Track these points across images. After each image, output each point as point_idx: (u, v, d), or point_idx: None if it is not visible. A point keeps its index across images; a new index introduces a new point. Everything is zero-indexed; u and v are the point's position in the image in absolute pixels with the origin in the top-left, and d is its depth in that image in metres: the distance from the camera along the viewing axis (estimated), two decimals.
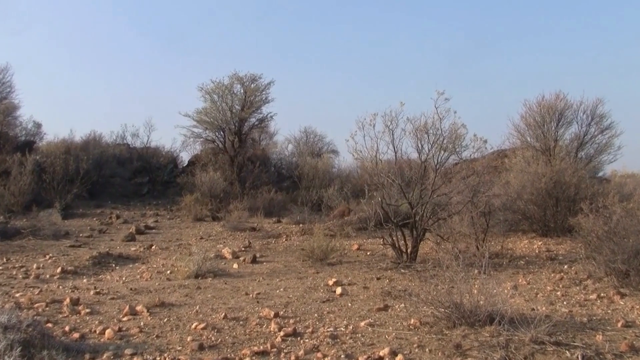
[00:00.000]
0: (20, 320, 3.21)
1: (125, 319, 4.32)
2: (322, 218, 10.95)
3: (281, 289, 5.48)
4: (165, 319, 4.29)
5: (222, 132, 15.99)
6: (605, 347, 3.35)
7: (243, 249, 8.44)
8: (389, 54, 36.28)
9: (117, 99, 33.44)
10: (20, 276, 6.09)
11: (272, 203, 13.46)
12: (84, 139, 16.22)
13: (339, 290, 5.26)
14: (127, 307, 4.52)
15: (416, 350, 3.45)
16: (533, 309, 4.42)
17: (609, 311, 4.41)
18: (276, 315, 4.30)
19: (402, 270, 6.40)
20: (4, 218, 10.24)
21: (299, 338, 3.74)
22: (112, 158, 16.44)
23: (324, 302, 4.90)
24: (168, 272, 6.50)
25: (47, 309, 4.62)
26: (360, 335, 3.80)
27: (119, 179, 16.34)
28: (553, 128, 10.98)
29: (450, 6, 37.35)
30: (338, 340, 3.68)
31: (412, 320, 4.02)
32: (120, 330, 3.95)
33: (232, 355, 3.44)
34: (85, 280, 6.00)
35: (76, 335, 3.82)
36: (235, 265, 6.97)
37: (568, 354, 3.23)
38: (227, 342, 3.67)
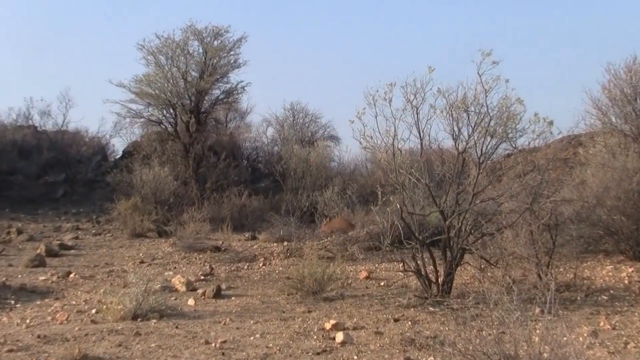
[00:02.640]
0: None
1: None
2: (315, 233, 11.00)
3: (257, 335, 5.48)
4: None
5: (172, 110, 16.09)
6: None
7: (202, 277, 8.45)
8: None
9: (16, 59, 33.22)
10: None
11: (245, 212, 13.57)
12: None
13: (339, 336, 5.26)
14: None
15: None
16: None
17: None
18: None
19: (431, 308, 6.42)
20: None
21: None
22: (10, 146, 16.41)
23: (318, 354, 4.90)
24: (93, 311, 6.47)
25: None
26: None
27: (21, 177, 16.29)
28: None
29: None
30: None
31: None
32: None
33: None
34: None
35: None
36: (190, 301, 7.00)
37: None
38: None
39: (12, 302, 7.01)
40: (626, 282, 7.55)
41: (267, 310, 6.55)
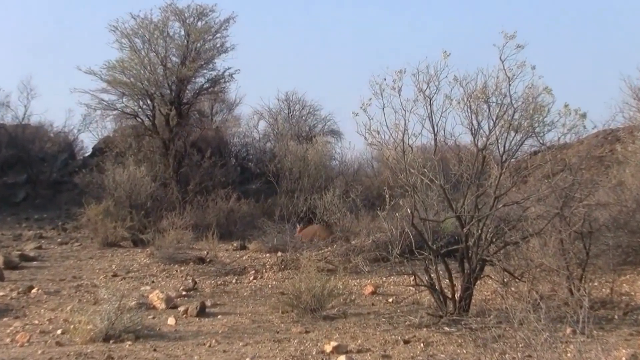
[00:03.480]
0: None
1: None
2: (314, 242, 11.06)
3: (247, 359, 5.47)
4: None
5: (149, 101, 16.08)
6: None
7: (184, 293, 8.47)
8: None
9: None
10: None
11: (233, 217, 13.60)
12: None
13: None
14: None
15: None
16: None
17: None
18: None
19: (447, 328, 6.40)
20: None
21: None
22: None
23: None
24: (59, 332, 6.46)
25: None
26: None
27: None
28: None
29: None
30: None
31: None
32: None
33: None
34: None
35: None
36: (171, 320, 7.01)
37: None
38: None
39: None
40: None
41: (259, 331, 6.54)
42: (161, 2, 16.39)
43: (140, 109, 16.27)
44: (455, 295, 6.82)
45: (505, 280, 7.03)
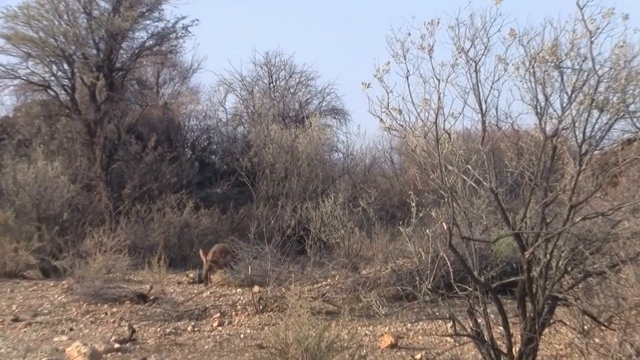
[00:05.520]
0: None
1: None
2: (308, 270, 10.98)
3: None
4: None
5: (66, 66, 16.00)
6: None
7: (117, 345, 8.38)
8: None
9: None
10: None
11: (188, 236, 13.66)
12: None
13: None
14: None
15: None
16: None
17: None
18: None
19: None
20: None
21: None
22: None
23: None
24: None
25: None
26: None
27: None
28: None
29: None
30: None
31: None
32: None
33: None
34: None
35: None
36: None
37: None
38: None
39: None
40: None
41: None
42: None
43: (53, 77, 16.17)
44: (513, 350, 6.78)
45: (585, 327, 6.99)
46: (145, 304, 10.30)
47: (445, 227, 6.73)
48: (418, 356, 7.84)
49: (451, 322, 7.03)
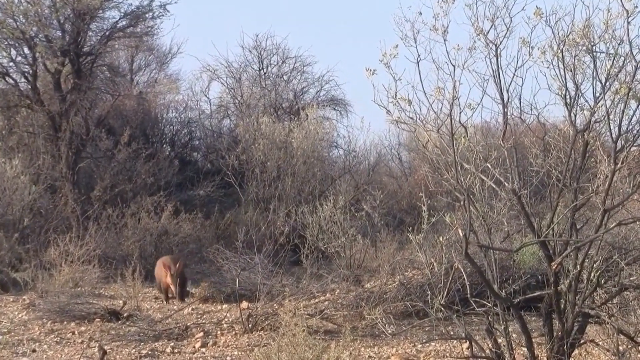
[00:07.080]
0: None
1: None
2: (304, 283, 10.85)
3: None
4: None
5: (27, 50, 15.65)
6: None
7: None
8: None
9: None
10: None
11: (167, 244, 13.59)
12: None
13: None
14: None
15: None
16: None
17: None
18: None
19: None
20: None
21: None
22: None
23: None
24: None
25: None
26: None
27: None
28: None
29: None
30: None
31: None
32: None
33: None
34: None
35: None
36: None
37: None
38: None
39: None
40: None
41: None
42: None
43: (12, 63, 15.76)
44: None
45: (621, 348, 6.91)
46: (117, 322, 10.02)
47: (461, 234, 6.56)
48: None
49: (467, 343, 6.90)
